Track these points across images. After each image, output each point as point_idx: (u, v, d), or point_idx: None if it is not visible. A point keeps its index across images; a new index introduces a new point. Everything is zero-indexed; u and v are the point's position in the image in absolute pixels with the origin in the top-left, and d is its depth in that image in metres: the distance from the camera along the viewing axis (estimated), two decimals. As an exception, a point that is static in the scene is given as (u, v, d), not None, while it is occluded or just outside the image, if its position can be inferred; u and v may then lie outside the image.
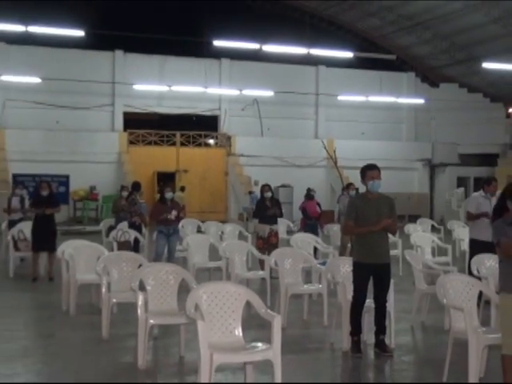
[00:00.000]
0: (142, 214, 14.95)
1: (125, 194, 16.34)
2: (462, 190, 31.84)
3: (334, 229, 15.85)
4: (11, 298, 11.51)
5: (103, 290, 8.48)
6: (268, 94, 32.52)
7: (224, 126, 33.93)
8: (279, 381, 5.70)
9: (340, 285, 8.17)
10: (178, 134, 32.25)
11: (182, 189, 27.90)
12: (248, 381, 6.05)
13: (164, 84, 31.65)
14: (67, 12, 26.63)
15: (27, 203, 15.58)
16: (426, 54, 37.15)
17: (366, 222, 7.65)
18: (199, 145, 33.22)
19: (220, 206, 31.76)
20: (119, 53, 32.12)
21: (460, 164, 35.54)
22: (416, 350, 8.44)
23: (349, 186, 16.64)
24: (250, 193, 28.33)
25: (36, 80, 29.37)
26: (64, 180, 29.12)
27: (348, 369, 7.45)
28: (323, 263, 10.19)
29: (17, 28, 24.70)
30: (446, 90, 36.66)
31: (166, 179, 26.52)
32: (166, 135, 32.37)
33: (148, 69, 32.21)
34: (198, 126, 33.63)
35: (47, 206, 13.18)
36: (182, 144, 32.32)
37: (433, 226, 19.22)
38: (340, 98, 34.06)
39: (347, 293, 7.91)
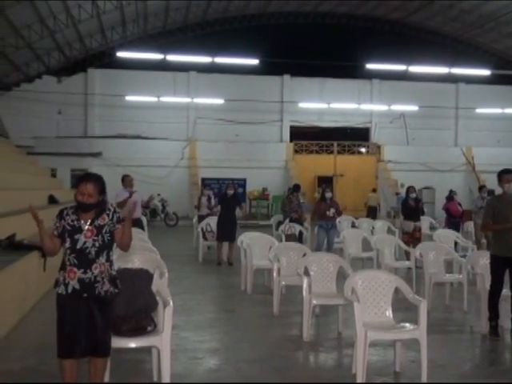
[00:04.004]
0: (300, 211, 14.90)
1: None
2: None
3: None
4: (200, 279, 11.91)
5: (274, 274, 8.59)
6: (413, 108, 31.90)
7: (374, 137, 33.56)
8: (425, 357, 5.52)
9: (479, 275, 7.85)
10: (335, 143, 32.19)
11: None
12: (397, 356, 5.92)
13: (324, 102, 31.80)
14: (244, 45, 27.48)
15: (213, 201, 16.09)
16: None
17: (502, 220, 7.24)
18: (353, 153, 32.99)
19: (371, 204, 31.29)
20: (287, 77, 32.57)
21: None
22: (550, 336, 7.88)
23: (481, 188, 15.82)
24: (397, 194, 27.71)
25: (220, 101, 30.53)
26: (242, 183, 29.76)
27: (486, 350, 7.07)
28: (463, 256, 9.82)
29: (205, 59, 25.87)
30: None
31: (325, 182, 26.55)
32: (325, 145, 32.41)
33: (310, 89, 32.45)
34: (351, 137, 33.43)
35: (231, 203, 13.56)
36: (339, 152, 32.23)
37: None
38: (478, 110, 32.85)
39: (486, 282, 7.56)
